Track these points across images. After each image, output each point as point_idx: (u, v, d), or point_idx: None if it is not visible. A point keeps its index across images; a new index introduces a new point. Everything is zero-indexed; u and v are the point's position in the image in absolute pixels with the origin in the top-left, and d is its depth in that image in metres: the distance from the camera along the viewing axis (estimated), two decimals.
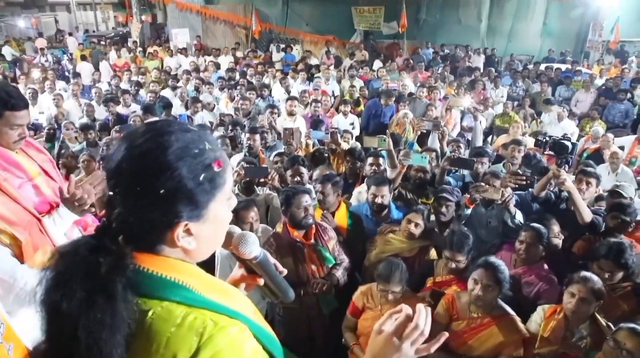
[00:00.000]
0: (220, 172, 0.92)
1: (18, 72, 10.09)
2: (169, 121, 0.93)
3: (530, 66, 11.74)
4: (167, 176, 0.84)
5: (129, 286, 0.82)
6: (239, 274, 1.22)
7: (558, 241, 3.12)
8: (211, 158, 0.90)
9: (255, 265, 1.12)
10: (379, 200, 3.41)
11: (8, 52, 14.11)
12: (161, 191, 0.84)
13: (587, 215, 3.17)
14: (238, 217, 3.11)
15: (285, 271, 1.22)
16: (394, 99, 6.80)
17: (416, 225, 3.15)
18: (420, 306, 1.00)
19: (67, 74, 10.04)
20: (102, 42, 14.03)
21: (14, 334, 1.40)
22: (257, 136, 4.57)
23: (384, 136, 3.84)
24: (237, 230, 1.10)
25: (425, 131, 5.11)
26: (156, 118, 6.61)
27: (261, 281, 1.18)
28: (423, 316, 0.99)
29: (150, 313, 0.83)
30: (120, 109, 7.00)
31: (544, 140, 3.21)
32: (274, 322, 3.15)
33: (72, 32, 17.53)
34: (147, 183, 0.84)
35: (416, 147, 5.13)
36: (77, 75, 9.09)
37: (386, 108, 6.73)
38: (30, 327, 1.27)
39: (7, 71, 10.20)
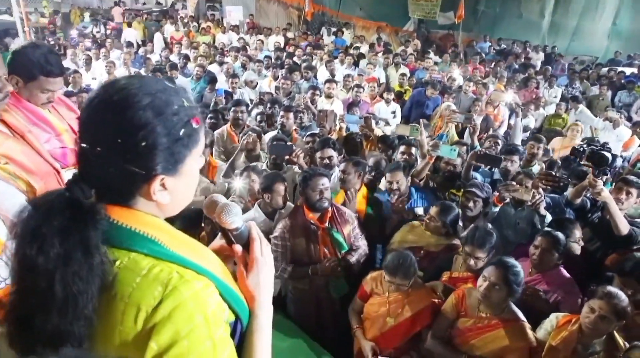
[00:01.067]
0: (198, 129, 0.94)
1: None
2: (146, 77, 0.96)
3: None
4: (147, 131, 0.85)
5: (101, 238, 0.84)
6: (218, 244, 1.21)
7: (577, 247, 2.95)
8: (189, 115, 0.92)
9: (235, 236, 1.13)
10: (394, 186, 3.35)
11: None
12: (142, 144, 0.85)
13: (624, 227, 2.99)
14: (273, 190, 3.15)
15: None
16: (438, 90, 6.61)
17: (430, 218, 3.08)
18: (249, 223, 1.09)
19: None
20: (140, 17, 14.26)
21: None
22: (291, 115, 4.58)
23: (417, 125, 3.75)
24: (222, 199, 1.11)
25: (456, 124, 4.94)
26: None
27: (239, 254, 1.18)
28: (253, 227, 1.09)
29: (117, 263, 0.85)
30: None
31: (581, 149, 2.99)
32: (286, 298, 3.18)
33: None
34: (128, 137, 0.85)
35: (455, 137, 4.97)
36: (129, 45, 9.41)
37: (430, 99, 6.57)
38: None
39: (63, 40, 10.71)
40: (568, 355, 2.21)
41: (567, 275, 2.79)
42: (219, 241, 1.22)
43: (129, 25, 12.00)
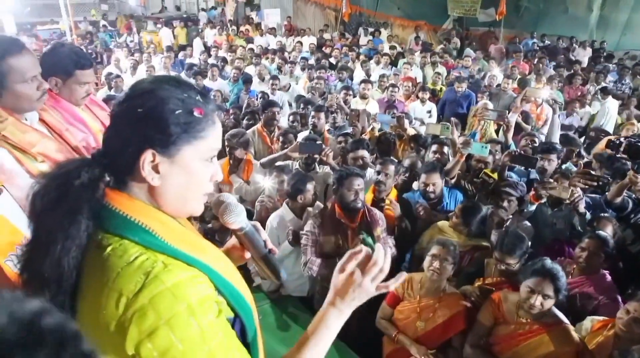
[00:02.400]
0: (200, 120, 0.95)
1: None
2: (176, 76, 1.01)
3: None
4: (147, 99, 0.91)
5: (94, 213, 0.89)
6: (231, 244, 1.24)
7: None
8: (196, 104, 0.95)
9: (240, 236, 1.14)
10: (430, 188, 3.29)
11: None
12: (139, 110, 0.90)
13: None
14: (305, 191, 3.18)
15: (276, 251, 1.21)
16: (465, 84, 6.55)
17: (454, 214, 3.03)
18: (378, 245, 1.07)
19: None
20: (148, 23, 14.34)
21: None
22: (322, 115, 4.58)
23: (447, 124, 3.69)
24: (229, 198, 1.12)
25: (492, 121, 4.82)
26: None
27: (247, 255, 1.19)
28: (382, 253, 1.06)
29: (108, 249, 0.88)
30: (207, 82, 7.38)
31: (618, 141, 2.86)
32: (314, 299, 3.18)
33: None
34: (131, 102, 0.93)
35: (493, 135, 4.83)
36: (169, 49, 9.72)
37: (461, 96, 6.46)
38: None
39: (100, 47, 11.17)
40: None
41: (610, 280, 2.68)
42: (232, 240, 1.25)
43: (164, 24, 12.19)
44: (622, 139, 2.85)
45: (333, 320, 1.05)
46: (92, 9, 16.71)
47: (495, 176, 3.47)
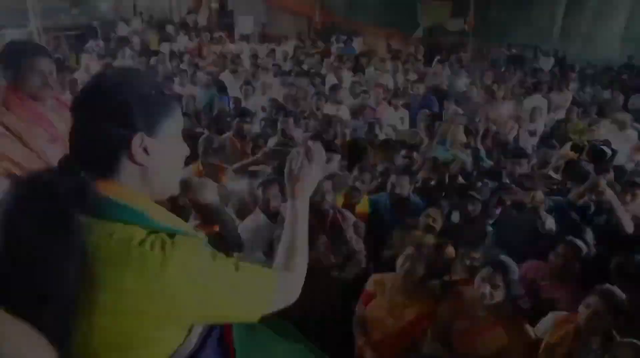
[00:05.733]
0: (170, 97, 1.02)
1: None
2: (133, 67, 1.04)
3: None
4: (124, 89, 0.94)
5: (88, 211, 0.88)
6: (192, 225, 1.27)
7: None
8: (162, 86, 1.06)
9: (210, 210, 1.18)
10: (397, 190, 3.34)
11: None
12: (119, 98, 0.93)
13: (629, 226, 2.96)
14: (262, 190, 3.17)
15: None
16: (422, 89, 7.01)
17: (434, 220, 3.07)
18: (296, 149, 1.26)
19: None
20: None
21: None
22: (291, 120, 4.61)
23: (417, 130, 3.77)
24: (196, 179, 1.16)
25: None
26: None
27: (216, 228, 1.23)
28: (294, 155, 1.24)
29: (114, 236, 0.89)
30: (176, 88, 7.28)
31: (582, 145, 3.01)
32: None
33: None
34: (109, 95, 0.94)
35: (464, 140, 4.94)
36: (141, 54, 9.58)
37: (421, 101, 6.73)
38: None
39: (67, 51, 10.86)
40: (566, 354, 2.19)
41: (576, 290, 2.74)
42: (193, 221, 1.28)
43: None
44: (586, 143, 2.99)
45: (301, 207, 1.24)
46: (62, 13, 16.26)
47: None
